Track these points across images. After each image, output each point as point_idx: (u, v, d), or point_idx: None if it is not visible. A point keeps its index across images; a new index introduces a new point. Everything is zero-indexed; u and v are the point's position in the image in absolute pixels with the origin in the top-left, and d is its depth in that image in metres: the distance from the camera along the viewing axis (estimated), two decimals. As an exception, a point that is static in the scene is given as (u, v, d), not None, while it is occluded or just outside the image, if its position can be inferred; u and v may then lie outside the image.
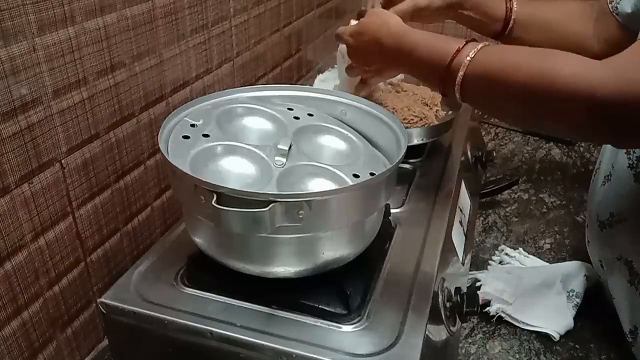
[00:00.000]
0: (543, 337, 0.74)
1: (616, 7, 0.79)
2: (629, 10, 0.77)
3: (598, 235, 0.77)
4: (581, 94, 0.51)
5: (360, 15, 0.78)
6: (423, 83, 0.88)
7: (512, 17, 0.85)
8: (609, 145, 0.77)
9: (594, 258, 0.81)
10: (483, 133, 1.26)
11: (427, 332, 0.54)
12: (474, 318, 0.77)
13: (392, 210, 0.71)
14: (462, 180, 0.84)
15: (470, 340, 0.74)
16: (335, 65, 0.93)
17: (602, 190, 0.77)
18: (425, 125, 0.84)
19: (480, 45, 0.61)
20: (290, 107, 0.68)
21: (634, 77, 0.49)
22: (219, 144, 0.58)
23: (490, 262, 0.87)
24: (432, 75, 0.65)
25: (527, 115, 0.59)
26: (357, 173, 0.57)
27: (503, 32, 0.86)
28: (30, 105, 0.54)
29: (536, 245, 0.93)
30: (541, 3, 0.87)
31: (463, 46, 0.61)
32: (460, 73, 0.60)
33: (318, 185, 0.56)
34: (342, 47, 0.81)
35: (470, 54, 0.60)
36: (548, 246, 0.92)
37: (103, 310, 0.57)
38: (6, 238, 0.54)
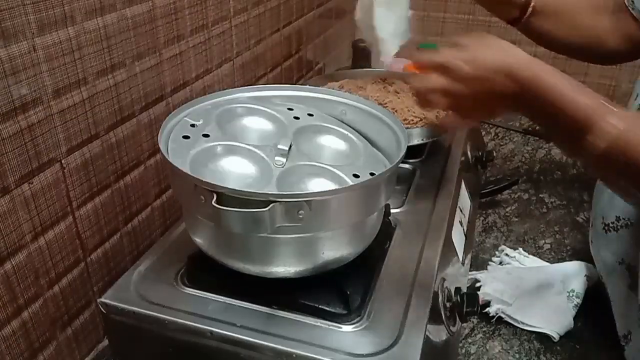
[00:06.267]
0: (543, 337, 0.74)
1: (632, 2, 0.78)
2: None
3: (602, 237, 0.76)
4: None
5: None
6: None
7: (532, 4, 0.85)
8: None
9: (596, 257, 0.80)
10: (483, 133, 1.26)
11: (427, 332, 0.54)
12: (474, 318, 0.77)
13: (392, 210, 0.71)
14: (462, 180, 0.84)
15: (470, 340, 0.74)
16: None
17: (609, 193, 0.76)
18: (425, 126, 0.84)
19: (622, 126, 0.50)
20: (290, 107, 0.68)
21: None
22: (219, 144, 0.58)
23: (490, 262, 0.87)
24: (563, 136, 0.56)
25: None
26: (357, 173, 0.57)
27: (520, 18, 0.86)
28: (30, 105, 0.54)
29: (536, 245, 0.92)
30: None
31: (601, 119, 0.51)
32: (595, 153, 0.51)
33: (318, 185, 0.56)
34: None
35: (613, 130, 0.50)
36: (548, 246, 0.92)
37: (103, 310, 0.57)
38: (6, 238, 0.54)
